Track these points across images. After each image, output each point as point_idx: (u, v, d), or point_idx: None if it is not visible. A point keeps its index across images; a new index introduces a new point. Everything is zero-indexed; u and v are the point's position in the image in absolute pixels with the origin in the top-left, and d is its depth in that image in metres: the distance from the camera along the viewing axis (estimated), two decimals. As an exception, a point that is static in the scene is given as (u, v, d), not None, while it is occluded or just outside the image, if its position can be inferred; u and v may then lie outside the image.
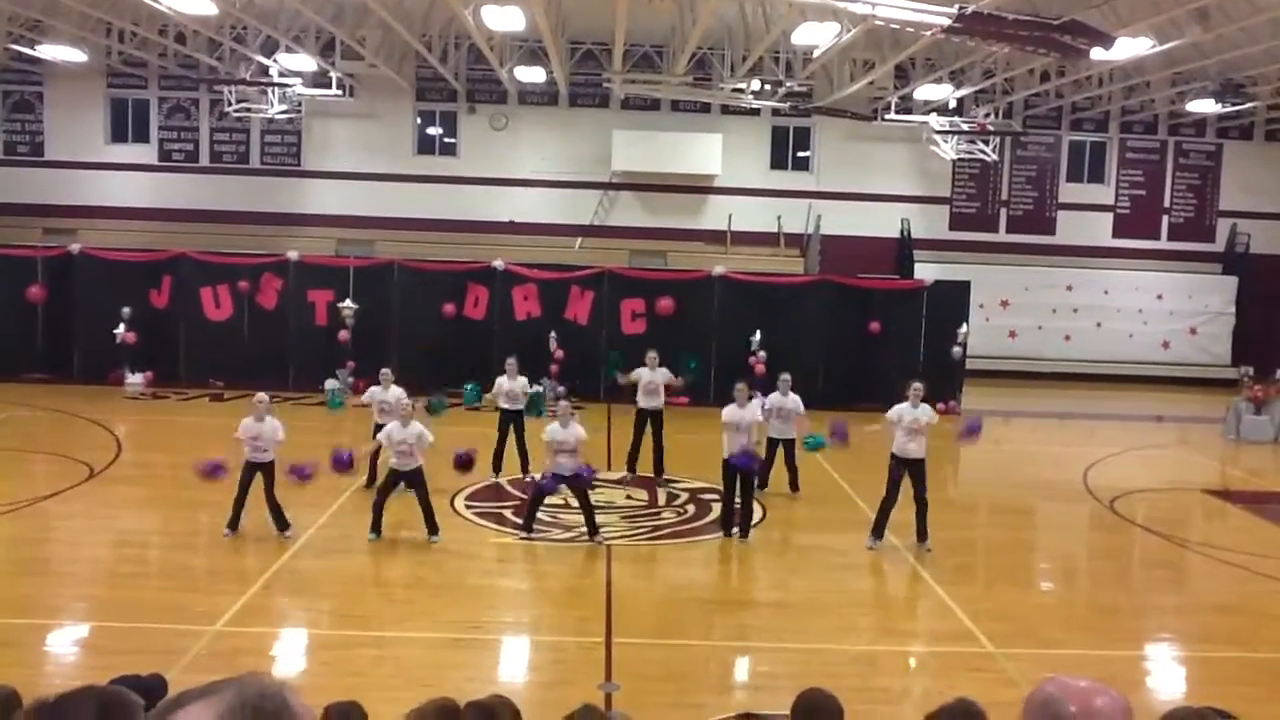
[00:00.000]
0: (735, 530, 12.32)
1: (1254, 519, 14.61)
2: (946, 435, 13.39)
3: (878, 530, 12.05)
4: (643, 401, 14.86)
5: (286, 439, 11.75)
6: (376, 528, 11.60)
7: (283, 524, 11.63)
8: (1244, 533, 13.94)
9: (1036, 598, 11.21)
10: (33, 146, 28.06)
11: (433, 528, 11.69)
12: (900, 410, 11.97)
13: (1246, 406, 20.61)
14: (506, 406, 14.43)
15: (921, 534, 11.95)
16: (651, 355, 14.94)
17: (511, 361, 14.54)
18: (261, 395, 11.93)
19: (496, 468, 14.43)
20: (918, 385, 12.21)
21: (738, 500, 12.31)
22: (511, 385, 14.46)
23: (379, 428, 13.21)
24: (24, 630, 8.79)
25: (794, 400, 13.96)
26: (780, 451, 14.11)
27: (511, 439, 14.40)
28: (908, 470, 11.93)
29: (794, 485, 14.31)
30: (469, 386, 16.45)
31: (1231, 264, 28.94)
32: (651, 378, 14.82)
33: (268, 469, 11.61)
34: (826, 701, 4.22)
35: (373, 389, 13.87)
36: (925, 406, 12.07)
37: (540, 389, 14.69)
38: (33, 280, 21.50)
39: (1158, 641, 9.99)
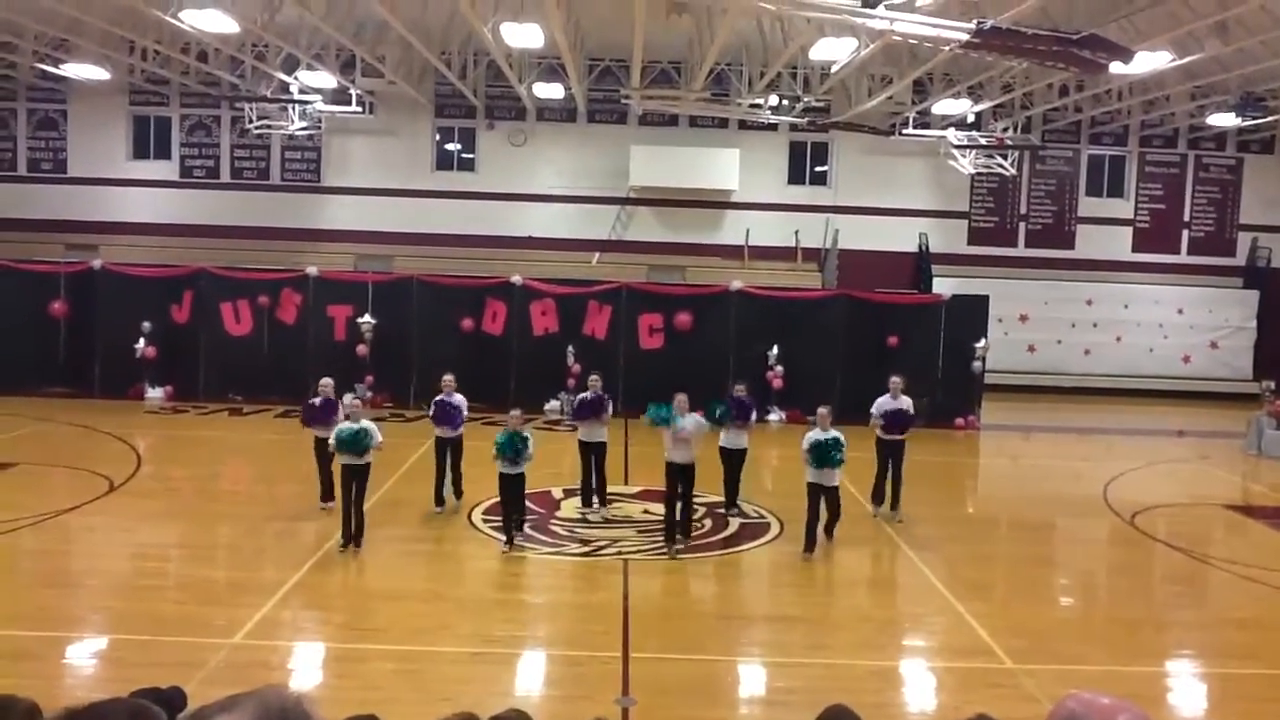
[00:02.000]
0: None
1: (1275, 534, 14.49)
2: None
3: (877, 498, 14.03)
4: (673, 454, 12.21)
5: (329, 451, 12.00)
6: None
7: (359, 538, 11.74)
8: (1265, 548, 13.82)
9: (1056, 613, 11.12)
10: (56, 163, 28.34)
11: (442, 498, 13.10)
12: (881, 403, 13.97)
13: (1268, 421, 20.45)
14: (507, 471, 12.10)
15: (895, 503, 13.83)
16: (680, 398, 12.32)
17: (516, 413, 12.40)
18: (353, 398, 12.78)
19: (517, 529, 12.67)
20: (896, 380, 14.09)
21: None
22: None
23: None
24: (44, 642, 8.83)
25: (833, 437, 12.20)
26: (821, 499, 12.25)
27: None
28: (890, 451, 13.85)
29: (829, 531, 12.47)
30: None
31: (1252, 278, 28.80)
32: (680, 425, 12.13)
33: (361, 474, 11.72)
34: (848, 718, 4.18)
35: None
36: (905, 399, 14.01)
37: (529, 436, 12.23)
38: (55, 295, 21.71)
39: (1179, 658, 9.90)
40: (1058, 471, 18.91)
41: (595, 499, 13.85)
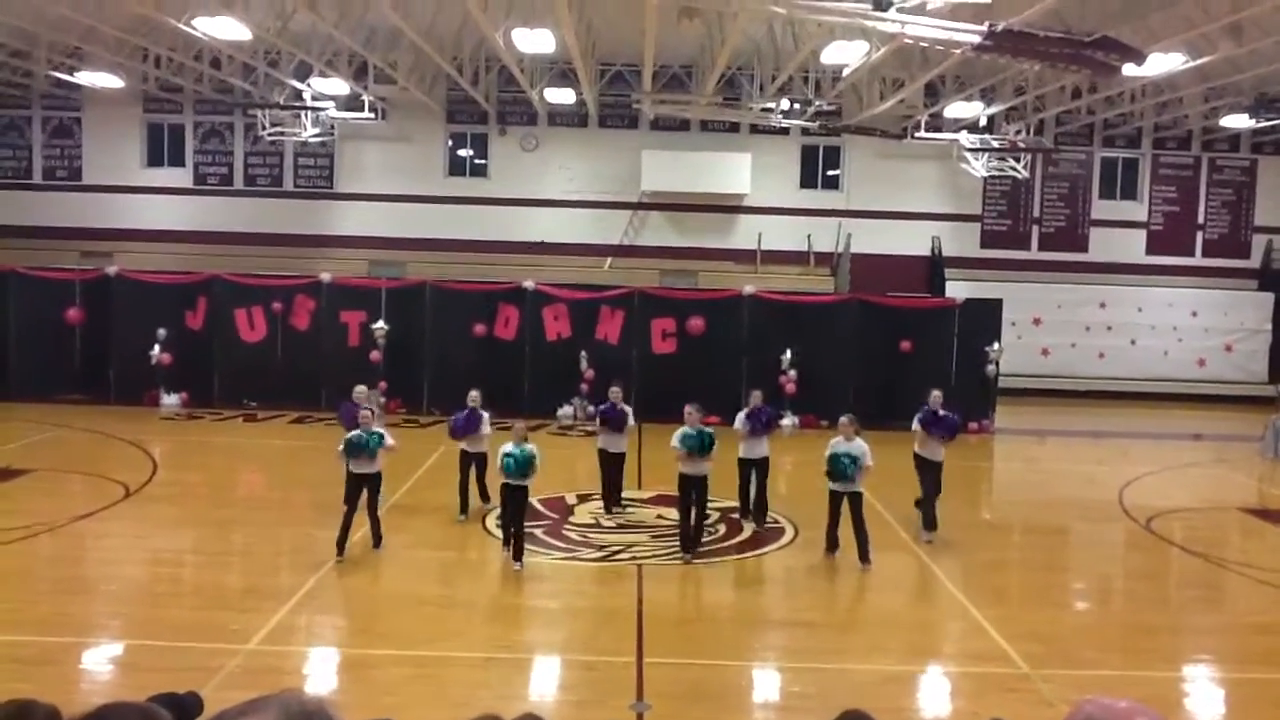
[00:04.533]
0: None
1: (1293, 538, 14.40)
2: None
3: (928, 523, 13.07)
4: (685, 466, 12.19)
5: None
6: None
7: (378, 539, 11.92)
8: (1283, 552, 13.75)
9: (1072, 618, 11.08)
10: (71, 171, 28.50)
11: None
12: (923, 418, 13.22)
13: (1284, 424, 20.34)
14: (512, 482, 11.72)
15: (930, 523, 13.12)
16: (690, 410, 12.23)
17: (520, 425, 12.09)
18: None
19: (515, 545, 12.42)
20: (936, 394, 13.34)
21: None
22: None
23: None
24: (61, 648, 8.87)
25: (859, 447, 11.87)
26: (845, 506, 11.98)
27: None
28: (929, 470, 13.18)
29: (864, 555, 11.84)
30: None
31: (1267, 280, 28.66)
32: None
33: (374, 481, 11.75)
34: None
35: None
36: (945, 415, 13.20)
37: (535, 455, 11.73)
38: (70, 302, 21.82)
39: (1195, 662, 9.85)
40: (1072, 475, 18.83)
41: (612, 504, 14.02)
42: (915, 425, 13.20)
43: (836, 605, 11.23)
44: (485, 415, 13.50)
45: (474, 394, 13.54)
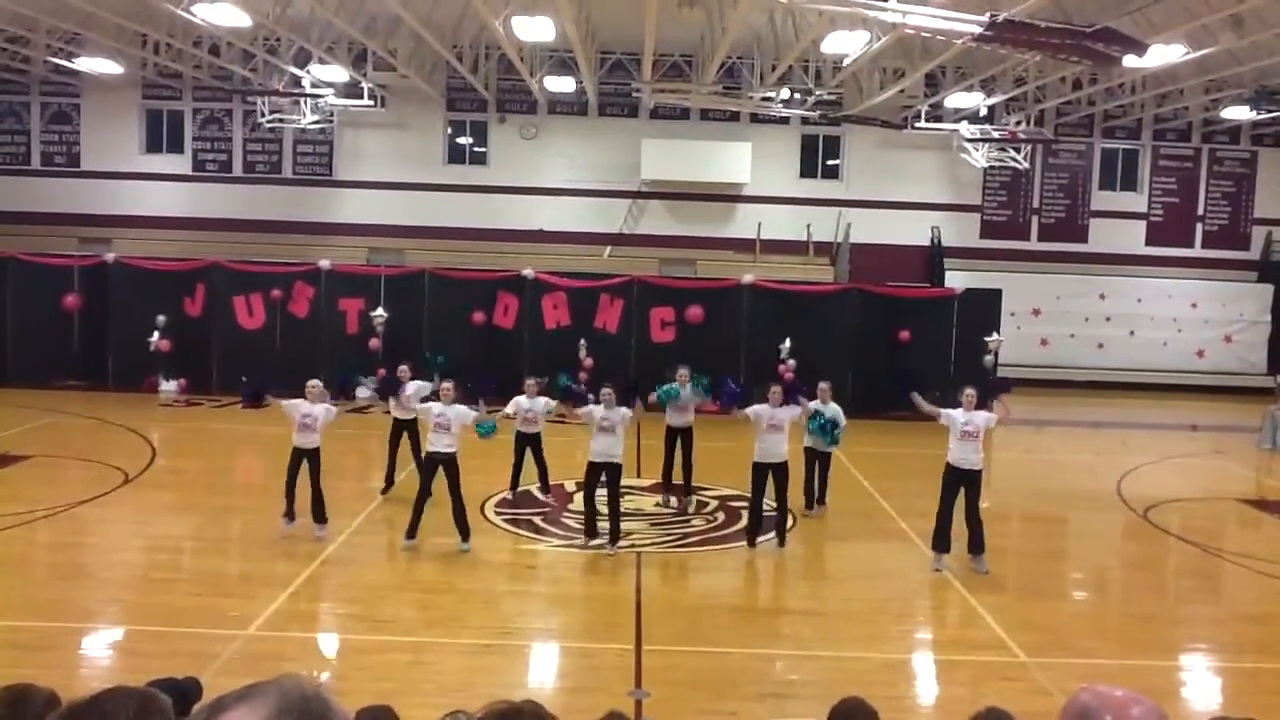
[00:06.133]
0: (771, 537, 12.20)
1: (1291, 529, 14.42)
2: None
3: (940, 542, 11.52)
4: (671, 419, 13.94)
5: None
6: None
7: (321, 517, 11.80)
8: (1279, 543, 13.78)
9: (1070, 607, 11.11)
10: (69, 157, 28.44)
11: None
12: (954, 414, 11.51)
13: (1283, 415, 20.36)
14: (524, 430, 13.49)
15: (977, 546, 11.51)
16: (682, 372, 13.67)
17: (531, 382, 13.38)
18: (315, 381, 12.26)
19: (515, 485, 13.84)
20: (970, 391, 11.67)
21: (770, 506, 12.25)
22: (530, 406, 13.19)
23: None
24: (59, 634, 8.89)
25: (834, 410, 13.41)
26: (816, 465, 13.74)
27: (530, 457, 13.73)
28: (962, 483, 11.42)
29: (820, 498, 13.84)
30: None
31: (1267, 272, 28.66)
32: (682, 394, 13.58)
33: (314, 455, 11.87)
34: (864, 710, 4.18)
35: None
36: (981, 412, 11.63)
37: (544, 400, 13.14)
38: (69, 289, 21.80)
39: (1192, 652, 9.88)
40: (1071, 466, 18.87)
41: (608, 536, 12.03)
42: (959, 419, 11.47)
43: (834, 593, 11.24)
44: (460, 413, 11.73)
45: (446, 385, 11.87)
